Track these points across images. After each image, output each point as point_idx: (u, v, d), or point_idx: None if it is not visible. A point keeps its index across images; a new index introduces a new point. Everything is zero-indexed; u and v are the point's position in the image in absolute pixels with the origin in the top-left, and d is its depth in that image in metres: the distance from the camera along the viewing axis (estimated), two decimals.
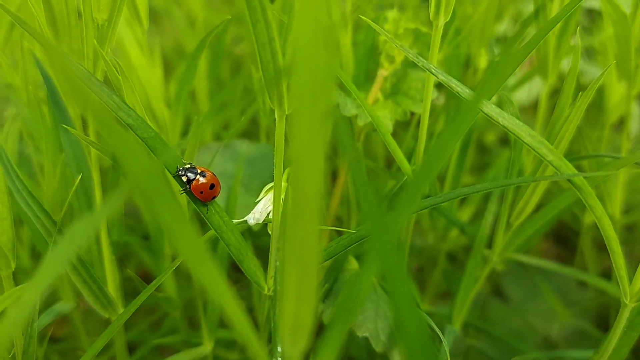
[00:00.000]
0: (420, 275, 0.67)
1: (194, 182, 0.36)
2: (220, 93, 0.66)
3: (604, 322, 0.65)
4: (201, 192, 0.37)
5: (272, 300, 0.38)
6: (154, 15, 0.74)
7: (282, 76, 0.31)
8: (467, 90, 0.31)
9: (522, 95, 0.85)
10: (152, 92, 0.52)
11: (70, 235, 0.19)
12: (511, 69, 0.37)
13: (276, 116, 0.32)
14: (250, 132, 0.75)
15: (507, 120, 0.31)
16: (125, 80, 0.32)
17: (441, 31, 0.37)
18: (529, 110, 0.89)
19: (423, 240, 0.66)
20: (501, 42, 0.68)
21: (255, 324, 0.54)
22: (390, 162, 0.60)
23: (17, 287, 0.31)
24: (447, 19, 0.37)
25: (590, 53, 0.84)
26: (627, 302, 0.34)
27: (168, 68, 0.75)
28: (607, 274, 0.63)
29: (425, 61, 0.33)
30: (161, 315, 0.60)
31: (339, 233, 0.39)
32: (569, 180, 0.31)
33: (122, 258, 0.58)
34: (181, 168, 0.37)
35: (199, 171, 0.37)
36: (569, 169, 0.31)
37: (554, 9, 0.45)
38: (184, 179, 0.36)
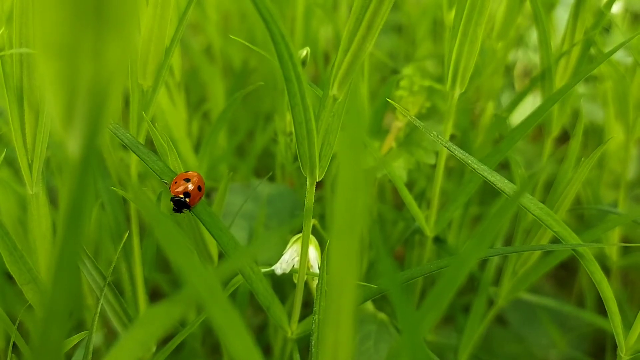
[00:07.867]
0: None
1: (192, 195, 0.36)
2: (236, 132, 0.69)
3: (602, 345, 0.68)
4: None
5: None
6: None
7: (315, 151, 0.34)
8: (484, 167, 0.35)
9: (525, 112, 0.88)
10: (179, 134, 0.55)
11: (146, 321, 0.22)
12: (518, 137, 0.41)
13: (308, 183, 0.36)
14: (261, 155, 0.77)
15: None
16: (171, 149, 0.35)
17: (456, 101, 0.40)
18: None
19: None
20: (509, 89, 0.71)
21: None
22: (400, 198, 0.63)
23: None
24: (463, 90, 0.40)
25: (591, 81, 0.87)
26: (622, 355, 0.37)
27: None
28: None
29: (445, 140, 0.36)
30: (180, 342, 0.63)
31: None
32: (573, 250, 0.34)
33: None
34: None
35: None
36: (573, 239, 0.34)
37: (559, 71, 0.48)
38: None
